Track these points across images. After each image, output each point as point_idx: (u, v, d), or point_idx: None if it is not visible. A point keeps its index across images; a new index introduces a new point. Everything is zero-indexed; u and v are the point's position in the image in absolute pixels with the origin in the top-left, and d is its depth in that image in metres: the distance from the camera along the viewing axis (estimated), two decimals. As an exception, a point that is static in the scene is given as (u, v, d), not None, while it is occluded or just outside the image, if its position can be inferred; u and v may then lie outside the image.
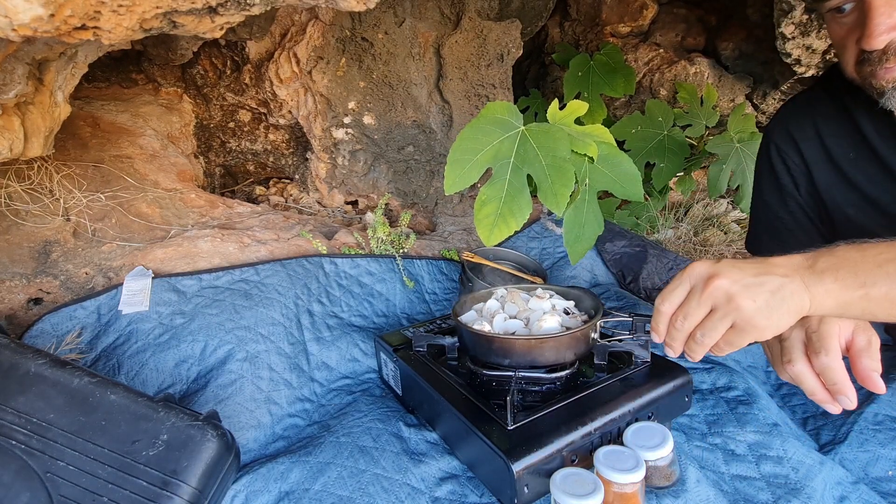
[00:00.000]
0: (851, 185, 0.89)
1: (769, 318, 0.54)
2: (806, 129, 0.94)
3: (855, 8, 0.73)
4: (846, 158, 0.89)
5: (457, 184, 0.89)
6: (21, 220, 1.16)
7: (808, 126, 0.93)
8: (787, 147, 0.96)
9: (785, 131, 0.96)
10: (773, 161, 0.98)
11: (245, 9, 0.76)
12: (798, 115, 0.96)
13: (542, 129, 0.90)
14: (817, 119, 0.92)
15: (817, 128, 0.92)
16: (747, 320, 0.55)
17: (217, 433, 0.65)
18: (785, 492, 0.70)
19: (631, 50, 2.16)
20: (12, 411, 0.64)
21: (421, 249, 1.41)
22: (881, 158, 0.85)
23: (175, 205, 1.37)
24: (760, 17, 1.92)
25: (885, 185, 0.86)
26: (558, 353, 0.76)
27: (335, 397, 0.95)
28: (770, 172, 0.99)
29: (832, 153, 0.91)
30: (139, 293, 1.03)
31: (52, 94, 0.97)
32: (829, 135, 0.91)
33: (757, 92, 2.04)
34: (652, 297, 1.29)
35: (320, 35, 1.56)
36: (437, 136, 1.67)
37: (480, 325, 0.81)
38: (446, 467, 0.75)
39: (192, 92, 1.77)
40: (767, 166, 1.00)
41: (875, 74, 0.73)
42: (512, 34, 1.65)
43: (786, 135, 0.96)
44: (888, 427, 0.80)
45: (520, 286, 0.94)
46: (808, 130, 0.93)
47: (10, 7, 0.57)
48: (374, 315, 1.18)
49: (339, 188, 1.71)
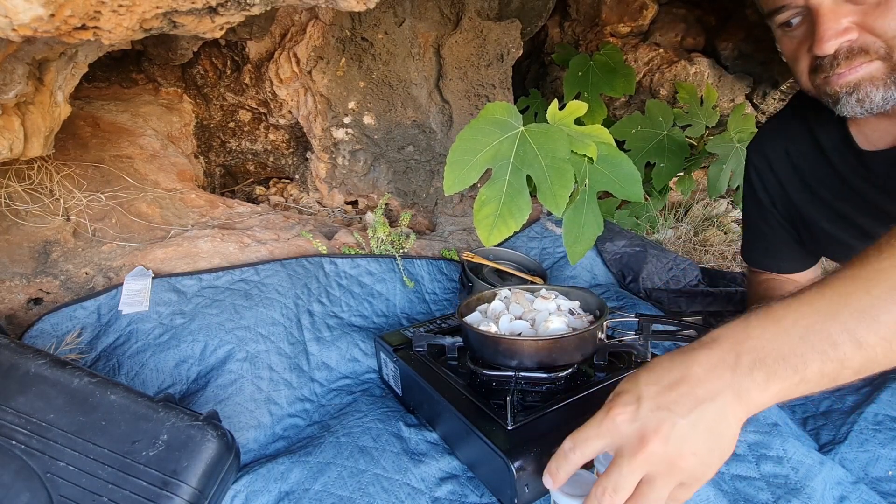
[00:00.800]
0: (821, 200, 0.91)
1: (714, 460, 0.48)
2: (777, 149, 0.96)
3: (803, 20, 0.74)
4: (814, 176, 0.91)
5: (456, 184, 0.89)
6: (21, 220, 1.16)
7: (780, 147, 0.96)
8: (763, 168, 0.99)
9: (761, 153, 0.99)
10: (752, 180, 1.01)
11: (245, 9, 0.75)
12: (772, 136, 0.98)
13: (542, 129, 0.90)
14: (787, 139, 0.95)
15: (787, 148, 0.95)
16: (695, 477, 0.48)
17: (217, 433, 0.65)
18: (785, 492, 0.70)
19: (631, 50, 2.16)
20: (12, 411, 0.64)
21: (421, 249, 1.41)
22: (838, 171, 0.87)
23: (175, 205, 1.37)
24: (760, 17, 1.92)
25: (847, 197, 0.87)
26: (566, 354, 0.76)
27: (335, 397, 0.95)
28: (751, 190, 1.02)
29: (801, 172, 0.93)
30: (139, 293, 1.03)
31: (52, 94, 0.97)
32: (796, 153, 0.93)
33: (757, 92, 2.04)
34: (652, 297, 1.29)
35: (320, 35, 1.56)
36: (437, 136, 1.67)
37: (486, 327, 0.80)
38: (446, 467, 0.75)
39: (192, 92, 1.77)
40: (748, 184, 1.03)
41: (829, 82, 0.74)
42: (512, 34, 1.65)
43: (761, 156, 0.99)
44: (888, 427, 0.80)
45: (523, 286, 0.94)
46: (780, 151, 0.96)
47: (10, 7, 0.57)
48: (374, 315, 1.18)
49: (339, 188, 1.71)
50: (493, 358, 0.79)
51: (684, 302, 1.25)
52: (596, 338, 0.79)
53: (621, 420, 0.49)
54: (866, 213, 0.85)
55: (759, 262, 1.05)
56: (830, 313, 0.47)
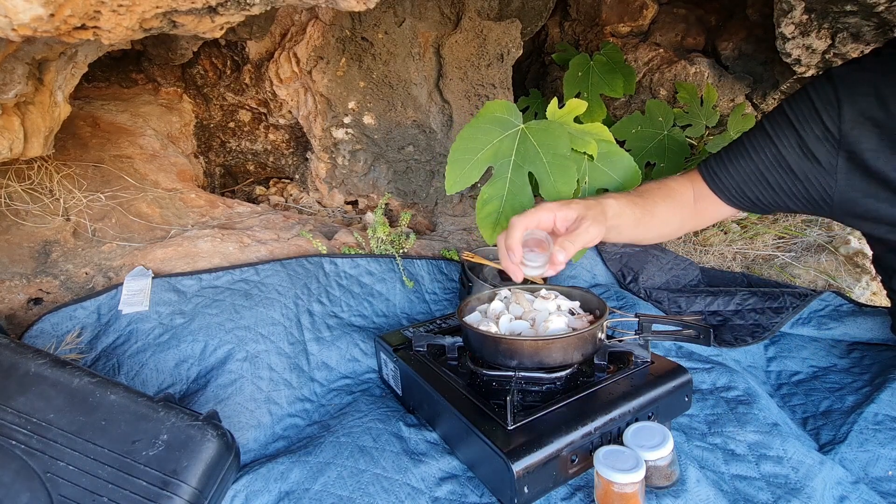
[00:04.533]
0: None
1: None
2: (868, 91, 0.77)
3: None
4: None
5: (458, 184, 0.89)
6: (21, 220, 1.16)
7: (871, 89, 0.77)
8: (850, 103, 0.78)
9: (850, 86, 0.78)
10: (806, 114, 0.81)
11: (245, 8, 0.75)
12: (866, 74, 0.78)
13: (542, 126, 0.90)
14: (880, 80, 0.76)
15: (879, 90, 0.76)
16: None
17: (217, 433, 0.65)
18: (785, 492, 0.70)
19: (631, 50, 2.16)
20: (12, 411, 0.64)
21: (421, 249, 1.41)
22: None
23: (175, 205, 1.37)
24: (760, 17, 1.92)
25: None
26: (566, 354, 0.76)
27: (335, 397, 0.95)
28: (787, 122, 0.84)
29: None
30: (139, 293, 1.03)
31: (52, 93, 0.97)
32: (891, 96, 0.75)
33: (757, 92, 2.04)
34: (652, 297, 1.29)
35: (320, 35, 1.56)
36: (437, 135, 1.67)
37: (486, 327, 0.80)
38: (446, 467, 0.75)
39: (192, 92, 1.77)
40: (795, 113, 0.83)
41: None
42: (512, 34, 1.65)
43: (850, 90, 0.78)
44: (888, 427, 0.80)
45: (524, 286, 0.94)
46: (871, 91, 0.77)
47: (10, 7, 0.57)
48: (374, 315, 1.18)
49: (339, 188, 1.71)
50: (493, 358, 0.79)
51: (684, 302, 1.25)
52: (596, 338, 0.79)
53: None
54: None
55: (720, 182, 0.91)
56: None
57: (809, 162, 0.82)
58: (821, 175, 0.82)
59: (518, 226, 0.74)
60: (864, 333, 1.05)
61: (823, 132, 0.79)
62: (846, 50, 1.51)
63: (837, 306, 1.12)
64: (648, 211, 0.89)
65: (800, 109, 0.82)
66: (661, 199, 0.91)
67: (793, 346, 1.07)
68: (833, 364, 1.01)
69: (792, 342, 1.09)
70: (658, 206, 0.91)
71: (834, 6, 1.38)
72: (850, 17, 1.40)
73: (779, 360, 1.05)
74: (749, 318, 1.15)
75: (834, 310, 1.11)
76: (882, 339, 1.03)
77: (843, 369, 0.99)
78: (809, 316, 1.11)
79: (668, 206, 0.92)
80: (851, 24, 1.43)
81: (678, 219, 0.95)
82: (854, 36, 1.47)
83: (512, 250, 0.73)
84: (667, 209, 0.92)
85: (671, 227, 0.96)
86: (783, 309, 1.14)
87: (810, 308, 1.11)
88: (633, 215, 0.86)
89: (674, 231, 0.98)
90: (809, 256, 1.62)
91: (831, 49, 1.54)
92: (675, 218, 0.94)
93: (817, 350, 1.05)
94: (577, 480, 0.71)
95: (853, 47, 1.50)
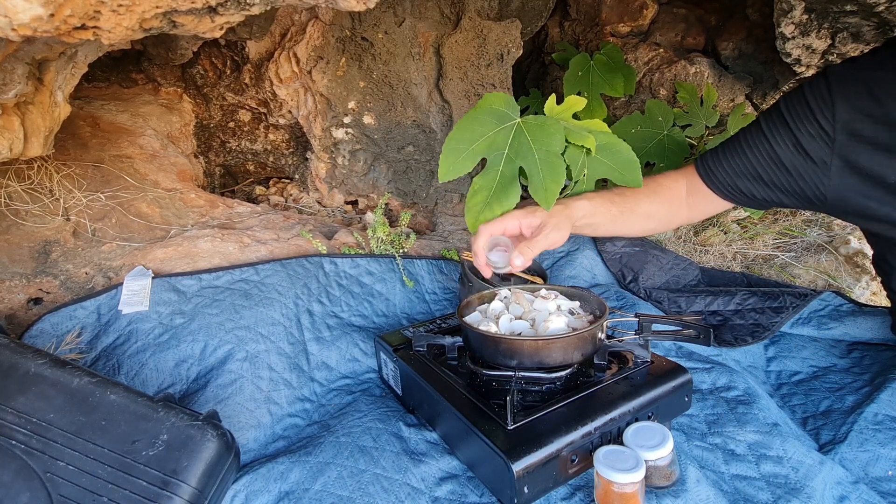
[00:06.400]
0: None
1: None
2: (861, 88, 0.77)
3: None
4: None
5: (451, 172, 0.89)
6: (21, 219, 1.16)
7: (864, 88, 0.77)
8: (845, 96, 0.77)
9: (844, 81, 0.78)
10: (802, 109, 0.81)
11: (245, 8, 0.75)
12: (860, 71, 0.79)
13: (538, 122, 0.90)
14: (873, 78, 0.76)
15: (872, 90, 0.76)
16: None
17: (217, 433, 0.65)
18: (785, 491, 0.70)
19: (631, 50, 2.16)
20: (12, 411, 0.64)
21: (421, 249, 1.41)
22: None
23: (175, 205, 1.37)
24: (760, 16, 1.92)
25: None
26: (566, 354, 0.76)
27: (335, 397, 0.95)
28: (781, 119, 0.84)
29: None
30: (139, 293, 1.03)
31: (51, 93, 0.96)
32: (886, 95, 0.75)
33: (757, 92, 2.04)
34: (652, 297, 1.29)
35: (320, 35, 1.56)
36: (437, 135, 1.67)
37: (486, 327, 0.80)
38: (446, 467, 0.75)
39: (192, 92, 1.77)
40: (789, 109, 0.83)
41: None
42: (512, 34, 1.65)
43: (843, 85, 0.78)
44: (888, 427, 0.80)
45: (523, 286, 0.94)
46: (862, 89, 0.77)
47: (10, 7, 0.57)
48: (374, 315, 1.18)
49: (339, 188, 1.71)
50: (493, 358, 0.79)
51: (684, 302, 1.25)
52: (596, 338, 0.79)
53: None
54: None
55: (714, 177, 0.92)
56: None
57: (803, 159, 0.82)
58: (814, 172, 0.82)
59: (483, 233, 0.85)
60: (864, 333, 1.05)
61: (817, 130, 0.80)
62: (846, 50, 1.51)
63: (837, 306, 1.12)
64: (628, 208, 0.94)
65: (794, 107, 0.82)
66: (644, 195, 0.96)
67: (793, 346, 1.07)
68: (833, 364, 1.01)
69: (792, 342, 1.09)
70: (641, 203, 0.95)
71: (834, 6, 1.38)
72: (850, 17, 1.40)
73: (779, 360, 1.05)
74: (749, 318, 1.15)
75: (834, 310, 1.11)
76: (882, 339, 1.03)
77: (843, 369, 0.99)
78: (809, 316, 1.11)
79: (653, 202, 0.96)
80: (851, 24, 1.43)
81: (664, 213, 0.98)
82: (854, 36, 1.47)
83: (476, 255, 0.86)
84: (651, 204, 0.96)
85: (656, 221, 0.99)
86: (783, 309, 1.14)
87: (810, 308, 1.11)
88: (609, 213, 0.92)
89: (660, 225, 1.02)
90: (809, 256, 1.62)
91: (831, 49, 1.54)
92: (661, 212, 0.98)
93: (817, 350, 1.05)
94: (577, 480, 0.71)
95: (853, 47, 1.49)
